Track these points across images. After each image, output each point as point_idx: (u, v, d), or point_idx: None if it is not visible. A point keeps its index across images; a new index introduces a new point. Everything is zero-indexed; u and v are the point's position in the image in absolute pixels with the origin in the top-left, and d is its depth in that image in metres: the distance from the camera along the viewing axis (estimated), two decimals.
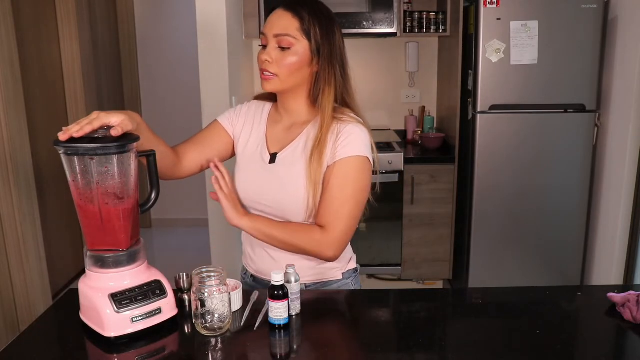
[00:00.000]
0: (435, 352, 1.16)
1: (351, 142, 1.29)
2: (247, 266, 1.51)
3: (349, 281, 1.44)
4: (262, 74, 1.32)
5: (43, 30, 3.24)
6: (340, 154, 1.29)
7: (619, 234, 2.70)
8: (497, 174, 2.82)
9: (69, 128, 1.09)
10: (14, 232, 2.61)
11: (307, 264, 1.38)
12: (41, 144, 3.04)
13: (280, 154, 1.36)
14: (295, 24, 1.29)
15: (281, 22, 1.29)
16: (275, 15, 1.32)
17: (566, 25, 2.66)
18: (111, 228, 1.16)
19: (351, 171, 1.29)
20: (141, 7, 4.35)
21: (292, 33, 1.28)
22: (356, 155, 1.29)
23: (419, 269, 3.03)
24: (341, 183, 1.29)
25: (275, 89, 1.33)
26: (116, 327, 1.12)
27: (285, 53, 1.29)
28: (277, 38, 1.29)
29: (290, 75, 1.30)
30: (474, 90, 2.77)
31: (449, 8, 2.98)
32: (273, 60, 1.30)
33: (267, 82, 1.32)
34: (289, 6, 1.30)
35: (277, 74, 1.30)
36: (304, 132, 1.36)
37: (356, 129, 1.31)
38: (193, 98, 3.56)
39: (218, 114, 2.84)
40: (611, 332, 1.22)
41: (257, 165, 1.38)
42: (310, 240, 1.29)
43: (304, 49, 1.29)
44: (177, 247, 4.22)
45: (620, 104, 2.68)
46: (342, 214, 1.28)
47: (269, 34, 1.30)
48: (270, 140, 1.40)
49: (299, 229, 1.30)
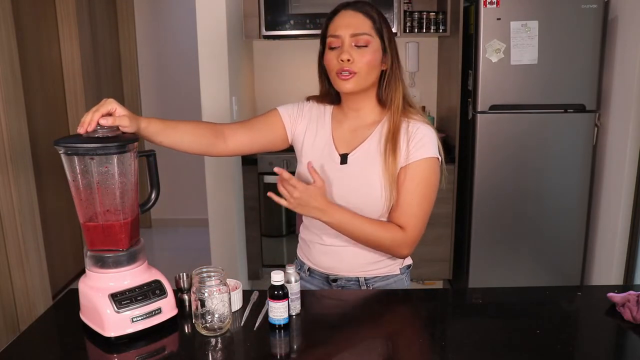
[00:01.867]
0: (435, 352, 1.16)
1: (425, 143, 1.34)
2: (303, 259, 1.52)
3: (403, 276, 1.48)
4: (340, 74, 1.32)
5: (43, 30, 3.24)
6: (415, 155, 1.33)
7: (619, 234, 2.70)
8: (497, 174, 2.82)
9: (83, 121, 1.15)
10: (14, 232, 2.61)
11: (371, 258, 1.41)
12: (41, 144, 3.04)
13: (351, 154, 1.38)
14: (369, 23, 1.33)
15: (356, 22, 1.32)
16: (345, 16, 1.34)
17: (566, 25, 2.66)
18: (111, 228, 1.16)
19: (426, 172, 1.34)
20: (141, 7, 4.35)
21: (368, 31, 1.32)
22: (429, 157, 1.34)
23: (419, 269, 3.03)
24: (417, 184, 1.34)
25: (355, 87, 1.34)
26: (116, 327, 1.12)
27: (363, 51, 1.31)
28: (355, 37, 1.31)
29: (369, 72, 1.33)
30: (474, 90, 2.77)
31: (449, 8, 2.98)
32: (353, 59, 1.31)
33: (347, 81, 1.33)
34: (357, 7, 1.34)
35: (357, 72, 1.32)
36: (374, 133, 1.38)
37: (427, 130, 1.36)
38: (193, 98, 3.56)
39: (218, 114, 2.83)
40: (611, 332, 1.22)
41: (328, 165, 1.39)
42: (391, 238, 1.33)
43: (378, 47, 1.33)
44: (177, 247, 4.22)
45: (620, 104, 2.68)
46: (419, 214, 1.34)
47: (345, 34, 1.32)
48: (337, 141, 1.41)
49: (381, 227, 1.34)
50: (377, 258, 1.42)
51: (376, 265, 1.43)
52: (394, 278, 1.46)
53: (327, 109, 1.47)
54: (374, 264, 1.42)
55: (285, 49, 3.40)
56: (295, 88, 3.37)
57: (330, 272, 1.44)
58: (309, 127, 1.45)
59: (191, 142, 1.37)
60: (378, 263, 1.43)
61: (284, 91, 3.43)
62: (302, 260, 1.52)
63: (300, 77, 3.37)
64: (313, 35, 2.94)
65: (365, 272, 1.43)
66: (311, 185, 1.26)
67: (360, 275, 1.43)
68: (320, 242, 1.43)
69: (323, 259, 1.44)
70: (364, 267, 1.42)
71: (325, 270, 1.45)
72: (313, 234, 1.45)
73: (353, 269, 1.42)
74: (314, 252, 1.46)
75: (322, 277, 1.46)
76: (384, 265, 1.44)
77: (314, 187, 1.26)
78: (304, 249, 1.51)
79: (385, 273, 1.44)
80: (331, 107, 1.47)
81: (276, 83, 3.45)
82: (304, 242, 1.51)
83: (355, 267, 1.42)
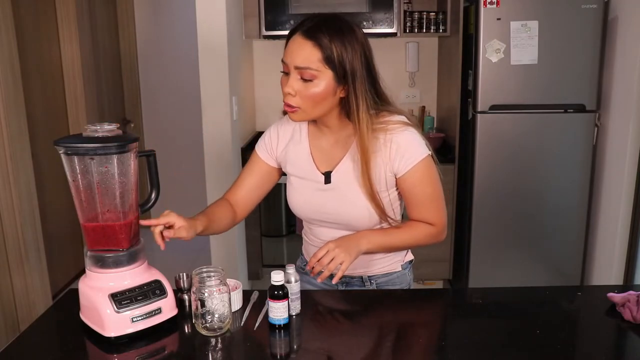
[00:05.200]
0: (435, 352, 1.16)
1: (407, 150, 1.31)
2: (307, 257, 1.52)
3: (406, 272, 1.49)
4: (286, 106, 1.28)
5: (43, 31, 3.24)
6: (405, 165, 1.32)
7: (619, 234, 2.70)
8: (497, 174, 2.82)
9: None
10: (14, 232, 2.61)
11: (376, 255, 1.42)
12: (41, 144, 3.04)
13: (334, 172, 1.36)
14: (317, 55, 1.21)
15: (302, 53, 1.22)
16: (294, 43, 1.24)
17: (566, 25, 2.66)
18: (111, 228, 1.16)
19: (425, 173, 1.34)
20: (141, 7, 4.35)
21: (314, 65, 1.21)
22: (421, 159, 1.32)
23: (419, 269, 3.01)
24: (421, 187, 1.35)
25: (302, 119, 1.31)
26: (116, 327, 1.12)
27: (308, 85, 1.23)
28: (299, 70, 1.23)
29: (315, 106, 1.26)
30: (474, 90, 2.77)
31: (449, 8, 2.97)
32: (296, 93, 1.25)
33: (293, 114, 1.29)
34: (308, 34, 1.22)
35: (300, 107, 1.26)
36: (351, 149, 1.35)
37: (402, 135, 1.31)
38: (193, 98, 3.56)
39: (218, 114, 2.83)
40: (611, 332, 1.22)
41: (311, 185, 1.38)
42: (426, 235, 1.37)
43: (328, 79, 1.23)
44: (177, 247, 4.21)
45: (620, 104, 2.68)
46: (437, 207, 1.37)
47: (290, 64, 1.24)
48: (317, 158, 1.39)
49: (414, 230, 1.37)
50: (380, 255, 1.43)
51: (379, 262, 1.43)
52: (397, 274, 1.46)
53: (302, 125, 1.43)
54: (376, 262, 1.43)
55: None
56: None
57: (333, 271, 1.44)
58: (288, 147, 1.42)
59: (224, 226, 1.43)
60: (382, 260, 1.43)
61: None
62: (306, 258, 1.53)
63: None
64: None
65: (368, 269, 1.43)
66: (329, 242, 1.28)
67: (364, 273, 1.44)
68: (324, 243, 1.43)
69: None
70: (367, 264, 1.43)
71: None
72: (315, 239, 1.46)
73: (356, 267, 1.42)
74: None
75: None
76: (387, 263, 1.44)
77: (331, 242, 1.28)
78: (307, 247, 1.52)
79: (388, 270, 1.45)
80: (306, 123, 1.42)
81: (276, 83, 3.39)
82: (307, 242, 1.52)
83: (358, 265, 1.41)
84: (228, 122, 2.68)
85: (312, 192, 1.38)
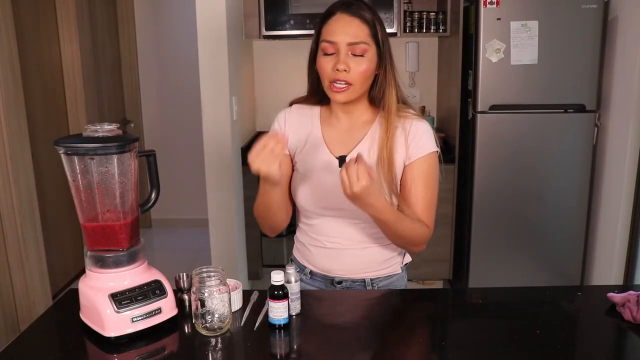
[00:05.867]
0: (435, 352, 1.16)
1: (422, 139, 1.33)
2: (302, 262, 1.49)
3: (403, 274, 1.48)
4: (334, 85, 1.27)
5: (43, 31, 3.24)
6: (416, 153, 1.32)
7: (619, 234, 2.70)
8: (497, 174, 2.82)
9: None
10: (14, 232, 2.61)
11: (377, 258, 1.41)
12: (41, 144, 3.04)
13: (349, 156, 1.33)
14: (366, 30, 1.26)
15: (352, 29, 1.25)
16: (341, 20, 1.27)
17: (566, 25, 2.66)
18: (111, 228, 1.16)
19: (430, 168, 1.34)
20: (141, 7, 4.35)
21: (365, 40, 1.26)
22: (430, 152, 1.33)
23: (419, 269, 3.03)
24: (424, 181, 1.33)
25: (349, 99, 1.30)
26: (116, 327, 1.12)
27: (360, 60, 1.26)
28: (351, 46, 1.25)
29: (364, 82, 1.29)
30: (474, 90, 2.77)
31: (449, 8, 2.97)
32: (350, 69, 1.26)
33: (342, 93, 1.28)
34: (353, 11, 1.27)
35: (352, 83, 1.27)
36: (368, 134, 1.35)
37: (422, 124, 1.35)
38: (193, 98, 3.56)
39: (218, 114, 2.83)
40: (611, 332, 1.22)
41: (323, 170, 1.36)
42: (423, 233, 1.32)
43: (374, 54, 1.28)
44: (177, 247, 4.22)
45: (620, 104, 2.68)
46: (431, 209, 1.35)
47: (341, 42, 1.25)
48: (330, 143, 1.37)
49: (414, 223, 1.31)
50: (383, 257, 1.42)
51: (382, 265, 1.42)
52: (397, 276, 1.46)
53: (314, 110, 1.42)
54: (380, 264, 1.42)
55: (285, 49, 3.40)
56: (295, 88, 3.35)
57: (334, 274, 1.43)
58: (297, 135, 1.41)
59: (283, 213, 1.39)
60: (384, 263, 1.42)
61: (284, 91, 3.42)
62: (301, 263, 1.49)
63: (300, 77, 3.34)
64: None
65: (371, 272, 1.42)
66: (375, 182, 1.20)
67: (366, 276, 1.42)
68: (322, 246, 1.42)
69: (326, 262, 1.42)
70: (370, 268, 1.41)
71: (329, 273, 1.43)
72: (313, 239, 1.43)
73: (359, 271, 1.41)
74: (316, 256, 1.44)
75: (326, 279, 1.45)
76: (389, 265, 1.43)
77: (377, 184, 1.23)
78: (303, 251, 1.48)
79: (389, 272, 1.44)
80: (318, 107, 1.42)
81: (276, 83, 3.45)
82: (302, 245, 1.48)
83: (360, 268, 1.41)
84: (228, 122, 2.68)
85: (323, 176, 1.35)
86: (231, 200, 2.79)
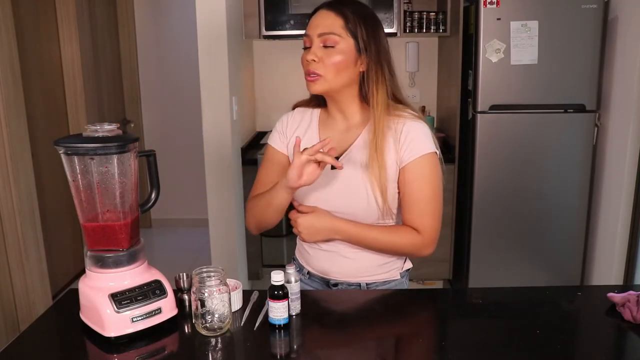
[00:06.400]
0: (435, 352, 1.16)
1: (414, 139, 1.31)
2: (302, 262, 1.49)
3: (403, 280, 1.47)
4: (308, 76, 1.31)
5: (43, 31, 3.24)
6: (409, 155, 1.30)
7: (619, 234, 2.70)
8: (497, 174, 2.82)
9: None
10: (14, 232, 2.61)
11: (373, 263, 1.40)
12: (41, 144, 3.04)
13: (341, 158, 1.34)
14: (339, 22, 1.28)
15: (325, 22, 1.29)
16: (318, 15, 1.31)
17: (566, 25, 2.66)
18: (111, 228, 1.16)
19: (425, 170, 1.31)
20: (141, 7, 4.35)
21: (337, 31, 1.28)
22: (425, 153, 1.31)
23: (419, 269, 3.03)
24: (420, 184, 1.31)
25: (322, 90, 1.31)
26: (116, 327, 1.12)
27: (330, 51, 1.28)
28: (322, 37, 1.28)
29: (337, 74, 1.29)
30: (474, 90, 2.77)
31: (449, 8, 2.98)
32: (318, 59, 1.28)
33: (314, 83, 1.30)
34: (332, 6, 1.30)
35: (322, 74, 1.29)
36: (361, 135, 1.35)
37: (415, 124, 1.33)
38: (193, 98, 3.56)
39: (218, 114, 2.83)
40: (611, 332, 1.22)
41: None
42: (410, 243, 1.33)
43: (349, 47, 1.28)
44: (177, 247, 4.22)
45: (620, 104, 2.68)
46: (430, 213, 1.32)
47: (313, 33, 1.29)
48: None
49: (397, 234, 1.33)
50: (379, 262, 1.41)
51: (378, 269, 1.42)
52: (395, 282, 1.45)
53: (314, 113, 1.43)
54: (375, 268, 1.41)
55: (285, 49, 3.40)
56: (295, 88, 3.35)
57: (330, 277, 1.43)
58: (297, 132, 1.42)
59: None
60: (380, 267, 1.42)
61: (284, 91, 3.43)
62: (301, 263, 1.50)
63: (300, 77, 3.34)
64: None
65: (367, 277, 1.42)
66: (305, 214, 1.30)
67: (362, 280, 1.42)
68: (319, 249, 1.42)
69: (324, 264, 1.43)
70: (366, 272, 1.41)
71: (326, 275, 1.44)
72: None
73: (354, 275, 1.41)
74: (314, 258, 1.44)
75: (323, 281, 1.45)
76: (385, 270, 1.42)
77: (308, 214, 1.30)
78: (303, 253, 1.49)
79: (386, 278, 1.43)
80: (318, 110, 1.43)
81: (276, 83, 3.45)
82: (302, 246, 1.49)
83: (357, 272, 1.41)
84: (228, 122, 2.68)
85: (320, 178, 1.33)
86: (231, 200, 2.79)
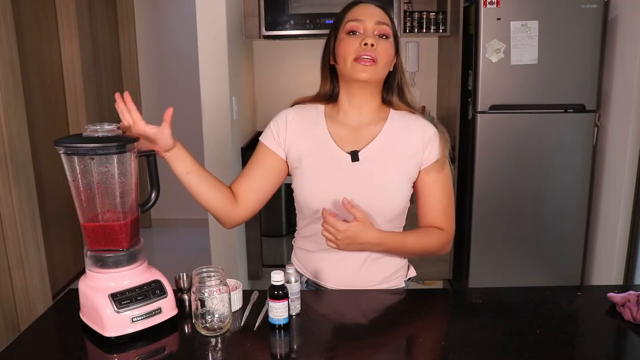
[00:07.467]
0: (435, 352, 1.16)
1: (435, 141, 1.36)
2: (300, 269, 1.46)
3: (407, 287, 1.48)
4: (361, 59, 1.26)
5: (43, 30, 3.24)
6: (432, 156, 1.34)
7: (619, 234, 2.70)
8: (497, 174, 2.82)
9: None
10: (14, 232, 2.61)
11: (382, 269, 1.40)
12: (41, 144, 3.04)
13: (362, 151, 1.33)
14: (387, 19, 1.32)
15: (379, 12, 1.31)
16: (367, 7, 1.32)
17: (566, 25, 2.66)
18: (111, 228, 1.16)
19: (445, 171, 1.36)
20: (141, 7, 4.36)
21: (389, 24, 1.32)
22: (442, 155, 1.36)
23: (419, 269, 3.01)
24: (442, 184, 1.36)
25: (372, 76, 1.29)
26: (116, 327, 1.12)
27: (385, 41, 1.30)
28: (379, 25, 1.29)
29: (385, 65, 1.31)
30: (474, 90, 2.77)
31: (449, 8, 2.97)
32: (377, 45, 1.28)
33: (367, 68, 1.27)
34: (377, 4, 1.33)
35: (377, 61, 1.28)
36: (383, 130, 1.35)
37: (432, 126, 1.38)
38: (193, 98, 3.56)
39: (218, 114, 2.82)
40: (611, 332, 1.22)
41: (334, 166, 1.33)
42: (438, 243, 1.36)
43: (392, 44, 1.32)
44: (177, 247, 4.22)
45: (620, 104, 2.68)
46: (451, 212, 1.38)
47: (369, 20, 1.29)
48: (338, 140, 1.35)
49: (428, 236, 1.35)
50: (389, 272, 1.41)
51: (387, 279, 1.41)
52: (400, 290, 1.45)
53: (319, 109, 1.40)
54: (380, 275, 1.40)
55: (285, 49, 3.40)
56: (295, 88, 3.37)
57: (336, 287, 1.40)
58: (297, 134, 1.37)
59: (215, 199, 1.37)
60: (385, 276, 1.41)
61: (284, 91, 3.43)
62: (298, 270, 1.46)
63: (301, 77, 3.37)
64: (313, 35, 2.94)
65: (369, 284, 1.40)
66: (353, 223, 1.21)
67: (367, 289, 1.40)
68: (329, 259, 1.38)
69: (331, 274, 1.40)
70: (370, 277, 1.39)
71: (332, 285, 1.40)
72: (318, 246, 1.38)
73: (360, 284, 1.39)
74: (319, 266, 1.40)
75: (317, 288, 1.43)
76: (391, 278, 1.42)
77: (357, 223, 1.21)
78: (303, 259, 1.45)
79: (392, 286, 1.43)
80: (322, 105, 1.40)
81: (276, 83, 3.45)
82: (302, 252, 1.44)
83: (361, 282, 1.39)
84: (228, 122, 2.68)
85: (333, 174, 1.32)
86: None
